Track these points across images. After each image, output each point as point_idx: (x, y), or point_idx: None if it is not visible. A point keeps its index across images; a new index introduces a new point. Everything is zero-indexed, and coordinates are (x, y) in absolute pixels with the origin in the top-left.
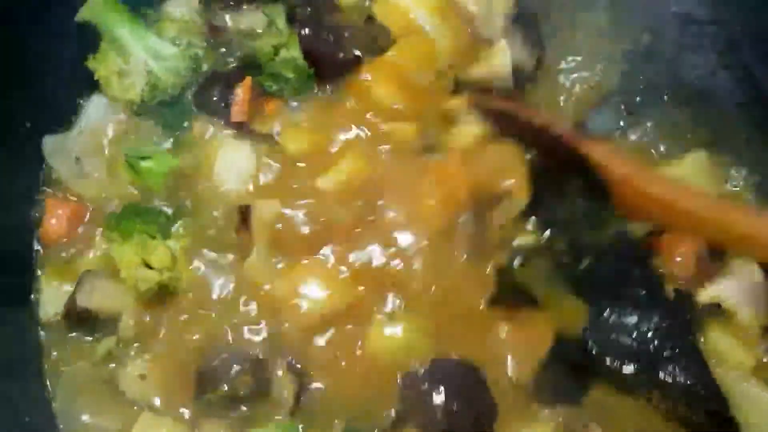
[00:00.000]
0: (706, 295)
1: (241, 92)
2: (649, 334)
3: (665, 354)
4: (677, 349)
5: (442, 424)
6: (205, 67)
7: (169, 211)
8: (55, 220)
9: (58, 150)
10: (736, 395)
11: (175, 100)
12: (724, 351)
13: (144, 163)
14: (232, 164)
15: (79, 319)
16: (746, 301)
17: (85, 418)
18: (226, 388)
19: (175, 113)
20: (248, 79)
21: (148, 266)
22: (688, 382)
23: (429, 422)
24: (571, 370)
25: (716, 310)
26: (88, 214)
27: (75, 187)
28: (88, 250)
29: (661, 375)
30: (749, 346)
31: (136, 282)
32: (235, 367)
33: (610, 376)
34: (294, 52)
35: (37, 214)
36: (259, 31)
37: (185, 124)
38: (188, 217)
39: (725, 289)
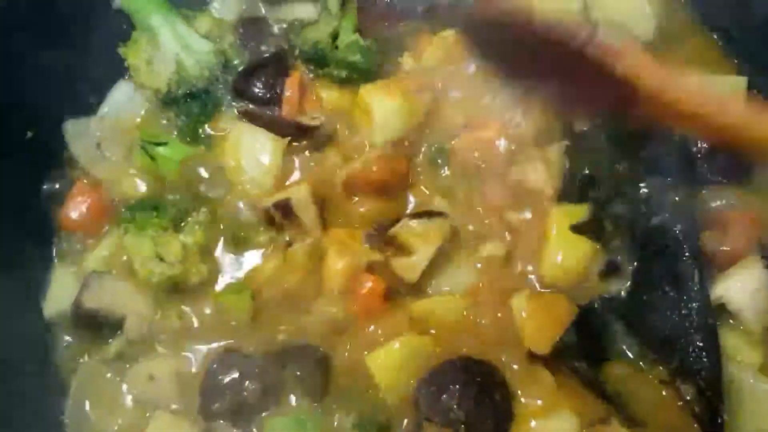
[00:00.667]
0: (712, 294)
1: (291, 86)
2: (681, 304)
3: (687, 325)
4: (697, 325)
5: (459, 422)
6: (235, 62)
7: (183, 203)
8: (76, 207)
9: (80, 134)
10: (744, 390)
11: (201, 92)
12: (731, 350)
13: (159, 149)
14: (254, 158)
15: (86, 320)
16: (750, 303)
17: (93, 416)
18: (231, 400)
19: (199, 105)
20: (296, 74)
21: (161, 259)
22: (692, 357)
23: (447, 422)
24: (588, 345)
25: (722, 311)
26: (107, 204)
27: (94, 172)
28: (100, 242)
29: (675, 341)
30: (755, 345)
31: (148, 275)
32: (242, 377)
33: (632, 325)
34: (352, 36)
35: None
36: (311, 18)
37: (209, 116)
38: (204, 210)
39: (730, 291)
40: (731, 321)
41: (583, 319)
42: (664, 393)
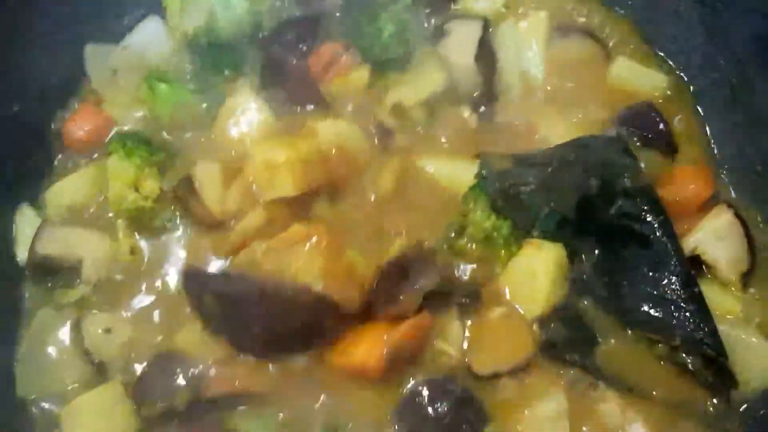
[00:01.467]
0: (686, 247)
1: (328, 49)
2: (664, 281)
3: (677, 299)
4: (685, 297)
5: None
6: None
7: (173, 151)
8: (80, 123)
9: (98, 58)
10: (730, 342)
11: (225, 46)
12: (712, 302)
13: (161, 86)
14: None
15: (44, 267)
16: (723, 250)
17: (43, 369)
18: (163, 404)
19: (219, 58)
20: (339, 45)
21: (136, 190)
22: (690, 329)
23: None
24: (578, 335)
25: (698, 262)
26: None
27: (103, 93)
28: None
29: (670, 319)
30: (734, 295)
31: (120, 199)
32: (175, 379)
33: (622, 317)
34: (401, 25)
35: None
36: None
37: (223, 72)
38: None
39: (704, 241)
40: (708, 275)
41: (568, 314)
42: (662, 364)
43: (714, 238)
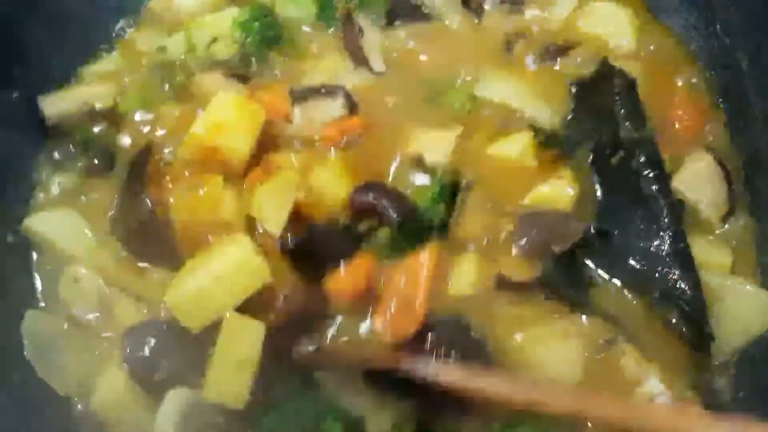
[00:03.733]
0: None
1: None
2: (654, 237)
3: (663, 255)
4: (671, 252)
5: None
6: None
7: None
8: None
9: None
10: (721, 291)
11: None
12: (705, 258)
13: None
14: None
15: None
16: (704, 193)
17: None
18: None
19: None
20: None
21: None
22: (671, 283)
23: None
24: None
25: (681, 206)
26: None
27: None
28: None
29: (652, 273)
30: (724, 247)
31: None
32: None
33: (609, 269)
34: None
35: None
36: None
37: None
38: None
39: (684, 184)
40: (692, 219)
41: (563, 259)
42: (649, 314)
43: (695, 180)
